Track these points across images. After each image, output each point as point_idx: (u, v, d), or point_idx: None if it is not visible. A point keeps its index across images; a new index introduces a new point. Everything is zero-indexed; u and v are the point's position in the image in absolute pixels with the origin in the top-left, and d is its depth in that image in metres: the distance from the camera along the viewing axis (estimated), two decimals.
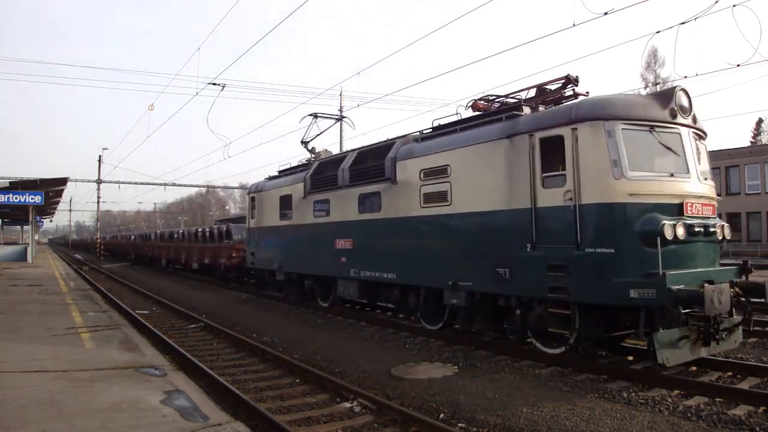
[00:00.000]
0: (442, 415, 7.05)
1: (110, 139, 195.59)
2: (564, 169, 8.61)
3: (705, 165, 9.19)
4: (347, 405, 7.49)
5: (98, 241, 56.55)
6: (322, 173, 15.38)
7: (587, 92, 10.06)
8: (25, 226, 52.13)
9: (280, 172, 18.87)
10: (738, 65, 16.25)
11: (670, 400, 7.37)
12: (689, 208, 8.23)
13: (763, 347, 10.43)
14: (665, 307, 7.65)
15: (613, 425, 6.55)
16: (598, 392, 7.80)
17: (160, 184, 60.48)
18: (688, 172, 8.53)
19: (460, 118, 11.52)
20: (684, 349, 7.96)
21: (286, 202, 17.30)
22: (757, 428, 6.36)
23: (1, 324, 11.49)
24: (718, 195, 9.74)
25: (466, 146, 10.44)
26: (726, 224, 9.14)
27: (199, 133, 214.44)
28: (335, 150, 24.20)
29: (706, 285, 7.47)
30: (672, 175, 8.36)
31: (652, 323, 7.87)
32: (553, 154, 8.92)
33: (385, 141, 13.51)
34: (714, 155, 38.74)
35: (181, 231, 38.89)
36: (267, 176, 19.52)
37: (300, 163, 18.45)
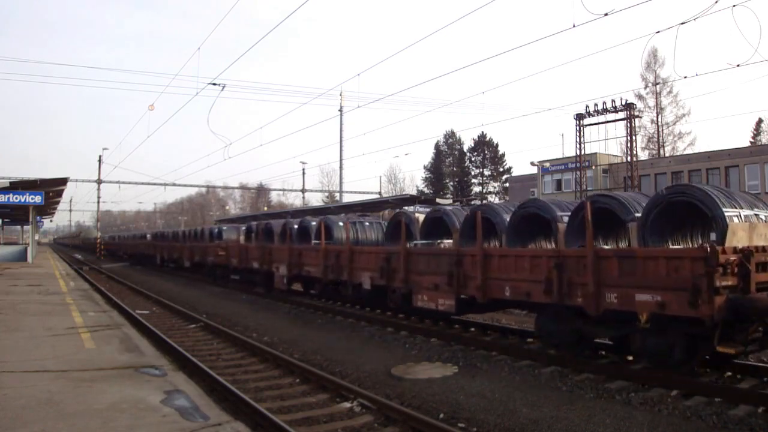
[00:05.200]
0: (442, 415, 7.05)
1: (110, 139, 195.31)
2: None
3: None
4: (347, 405, 7.49)
5: (98, 241, 56.63)
6: None
7: None
8: (25, 226, 52.09)
9: None
10: (738, 65, 16.29)
11: (670, 400, 7.37)
12: None
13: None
14: None
15: (613, 425, 6.55)
16: (598, 392, 7.80)
17: (160, 184, 60.57)
18: None
19: None
20: None
21: None
22: (757, 428, 6.36)
23: (1, 324, 11.48)
24: None
25: None
26: None
27: (199, 133, 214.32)
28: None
29: None
30: None
31: None
32: None
33: None
34: (714, 155, 39.01)
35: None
36: None
37: None
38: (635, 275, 7.97)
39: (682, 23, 14.70)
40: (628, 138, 41.93)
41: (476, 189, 79.00)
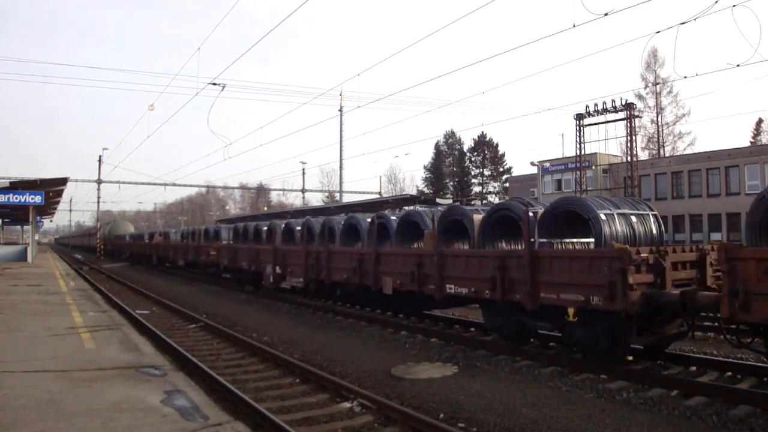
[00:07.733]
0: (441, 415, 7.05)
1: (110, 139, 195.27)
2: None
3: None
4: (347, 405, 7.49)
5: (98, 241, 56.61)
6: None
7: None
8: (25, 226, 52.09)
9: None
10: (738, 65, 16.31)
11: (670, 400, 7.38)
12: None
13: None
14: None
15: (613, 425, 6.55)
16: (598, 392, 7.80)
17: (160, 184, 60.59)
18: None
19: None
20: None
21: None
22: (757, 428, 6.37)
23: (1, 324, 11.48)
24: (718, 195, 9.46)
25: None
26: None
27: (199, 133, 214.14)
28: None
29: None
30: None
31: None
32: None
33: None
34: (714, 155, 39.01)
35: None
36: None
37: None
38: None
39: (682, 23, 14.74)
40: (628, 138, 41.94)
41: (476, 189, 79.00)
